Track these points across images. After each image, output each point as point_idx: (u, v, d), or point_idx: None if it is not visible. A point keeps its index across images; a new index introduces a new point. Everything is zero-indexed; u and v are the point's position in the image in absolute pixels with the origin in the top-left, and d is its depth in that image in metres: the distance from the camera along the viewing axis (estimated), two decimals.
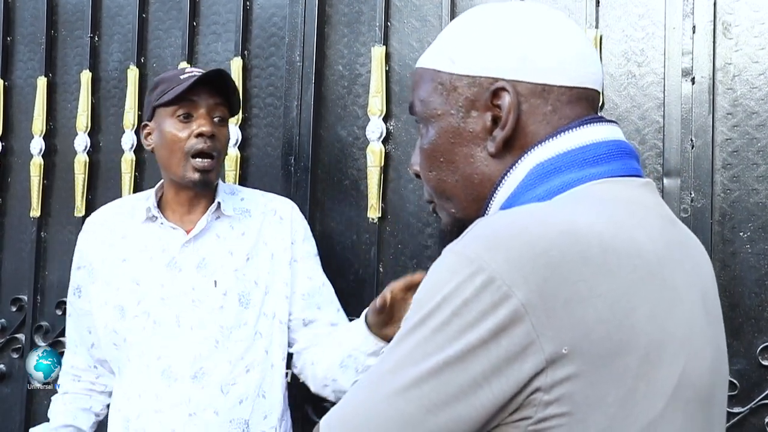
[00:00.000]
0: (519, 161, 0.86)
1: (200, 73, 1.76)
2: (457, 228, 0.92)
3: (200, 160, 1.76)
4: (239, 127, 2.37)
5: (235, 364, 1.75)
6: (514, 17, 0.89)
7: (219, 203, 1.82)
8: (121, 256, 1.83)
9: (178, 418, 1.72)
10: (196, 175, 1.76)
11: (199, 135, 1.74)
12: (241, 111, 2.37)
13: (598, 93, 0.92)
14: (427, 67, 0.94)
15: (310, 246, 1.92)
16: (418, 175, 0.97)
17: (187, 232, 1.81)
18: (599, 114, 0.92)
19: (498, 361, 0.72)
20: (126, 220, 1.87)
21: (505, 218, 0.79)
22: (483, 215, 0.89)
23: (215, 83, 1.78)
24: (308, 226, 1.96)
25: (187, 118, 1.76)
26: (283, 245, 1.86)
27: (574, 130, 0.86)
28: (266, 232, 1.85)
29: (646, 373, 0.75)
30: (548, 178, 0.84)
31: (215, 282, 1.78)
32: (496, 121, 0.87)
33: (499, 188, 0.87)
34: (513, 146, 0.87)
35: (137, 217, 1.85)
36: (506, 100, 0.86)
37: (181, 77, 1.76)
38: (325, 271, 1.96)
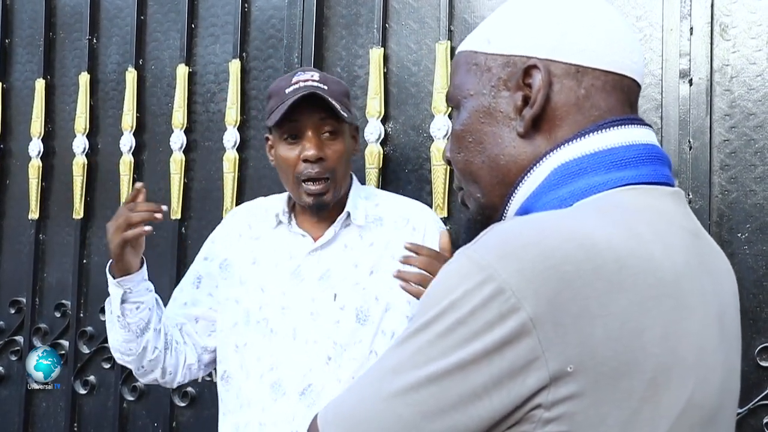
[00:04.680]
0: (545, 158, 0.84)
1: (302, 87, 1.67)
2: (482, 217, 0.91)
3: (311, 184, 1.67)
4: (237, 129, 2.38)
5: (346, 383, 1.64)
6: (556, 2, 0.88)
7: (348, 213, 1.74)
8: (252, 258, 1.77)
9: None
10: (310, 200, 1.68)
11: (306, 160, 1.66)
12: (239, 113, 2.37)
13: (637, 85, 0.89)
14: (465, 50, 0.93)
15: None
16: (449, 162, 0.95)
17: (315, 239, 1.74)
18: (637, 107, 0.90)
19: (500, 373, 0.70)
20: (261, 222, 1.81)
21: (521, 226, 0.76)
22: (505, 205, 0.87)
23: (317, 98, 1.66)
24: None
25: (295, 138, 1.67)
26: None
27: (602, 131, 0.83)
28: (396, 244, 1.71)
29: (652, 397, 0.73)
30: (572, 179, 0.82)
31: (335, 295, 1.70)
32: (526, 101, 0.85)
33: (523, 180, 0.85)
34: (542, 128, 0.85)
35: (269, 221, 1.79)
36: (537, 78, 0.84)
37: (287, 91, 1.66)
38: None
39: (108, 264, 1.66)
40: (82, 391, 2.60)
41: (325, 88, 1.67)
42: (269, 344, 1.69)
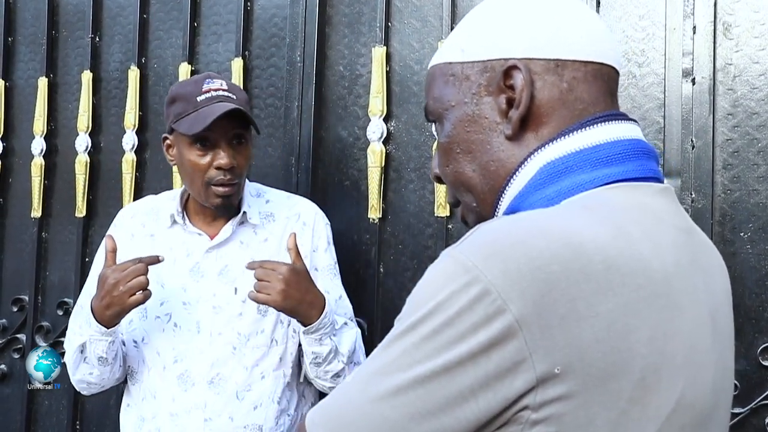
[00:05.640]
0: (531, 157, 0.84)
1: (216, 98, 1.72)
2: None
3: (221, 188, 1.75)
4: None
5: (251, 371, 1.77)
6: (523, 1, 0.88)
7: (245, 212, 1.83)
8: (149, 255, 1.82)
9: (194, 423, 1.74)
10: (218, 200, 1.76)
11: (219, 168, 1.73)
12: None
13: (616, 72, 0.89)
14: (438, 63, 0.92)
15: (330, 256, 1.91)
16: (439, 179, 0.94)
17: (211, 237, 1.83)
18: (617, 95, 0.90)
19: (487, 375, 0.70)
20: (154, 221, 1.88)
21: (508, 225, 0.75)
22: (496, 207, 0.87)
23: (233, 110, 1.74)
24: (330, 232, 1.94)
25: (205, 145, 1.74)
26: (304, 252, 1.84)
27: (587, 128, 0.83)
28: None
29: (641, 398, 0.72)
30: (559, 178, 0.81)
31: (235, 289, 1.79)
32: (510, 103, 0.85)
33: (511, 181, 0.85)
34: (529, 127, 0.84)
35: (163, 220, 1.86)
36: (518, 78, 0.83)
37: (198, 99, 1.72)
38: None
39: (92, 315, 1.68)
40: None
41: (234, 97, 1.75)
42: (172, 338, 1.78)
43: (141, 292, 1.64)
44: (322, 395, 1.96)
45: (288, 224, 1.87)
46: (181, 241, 1.84)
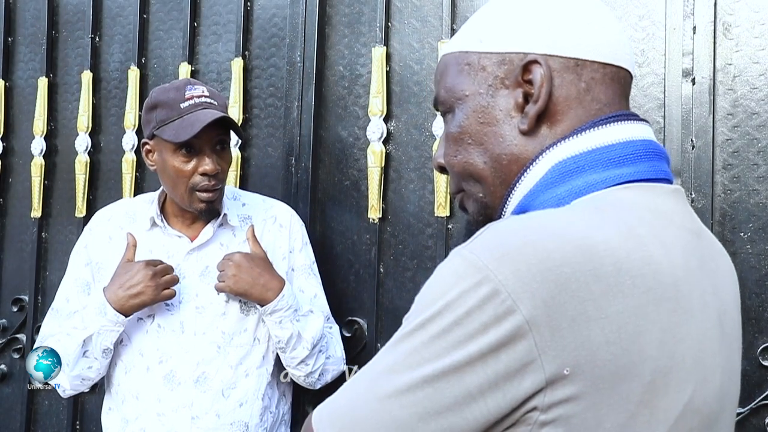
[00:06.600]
0: (543, 154, 0.83)
1: (199, 104, 1.74)
2: (483, 218, 0.89)
3: (205, 194, 1.78)
4: (240, 127, 2.37)
5: (236, 369, 1.81)
6: None
7: (225, 214, 1.86)
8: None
9: (181, 421, 1.77)
10: (202, 206, 1.79)
11: (204, 174, 1.75)
12: (241, 112, 2.38)
13: (631, 76, 0.89)
14: (453, 51, 0.91)
15: (305, 255, 1.95)
16: (442, 169, 0.93)
17: (192, 239, 1.85)
18: (629, 98, 0.90)
19: (496, 376, 0.70)
20: (131, 224, 1.89)
21: (519, 226, 0.75)
22: (504, 203, 0.86)
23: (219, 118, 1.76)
24: (306, 233, 1.98)
25: (190, 151, 1.76)
26: (282, 254, 1.90)
27: (599, 127, 0.83)
28: (266, 240, 1.88)
29: (650, 401, 0.72)
30: (570, 177, 0.81)
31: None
32: (527, 98, 0.84)
33: (523, 176, 0.84)
34: (544, 124, 0.84)
35: (141, 223, 1.87)
36: (538, 73, 0.83)
37: (182, 106, 1.73)
38: (325, 271, 1.97)
39: (110, 306, 1.74)
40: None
41: (216, 103, 1.78)
42: (156, 339, 1.80)
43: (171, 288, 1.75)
44: (299, 393, 1.98)
45: (265, 226, 1.91)
46: (161, 243, 1.85)
